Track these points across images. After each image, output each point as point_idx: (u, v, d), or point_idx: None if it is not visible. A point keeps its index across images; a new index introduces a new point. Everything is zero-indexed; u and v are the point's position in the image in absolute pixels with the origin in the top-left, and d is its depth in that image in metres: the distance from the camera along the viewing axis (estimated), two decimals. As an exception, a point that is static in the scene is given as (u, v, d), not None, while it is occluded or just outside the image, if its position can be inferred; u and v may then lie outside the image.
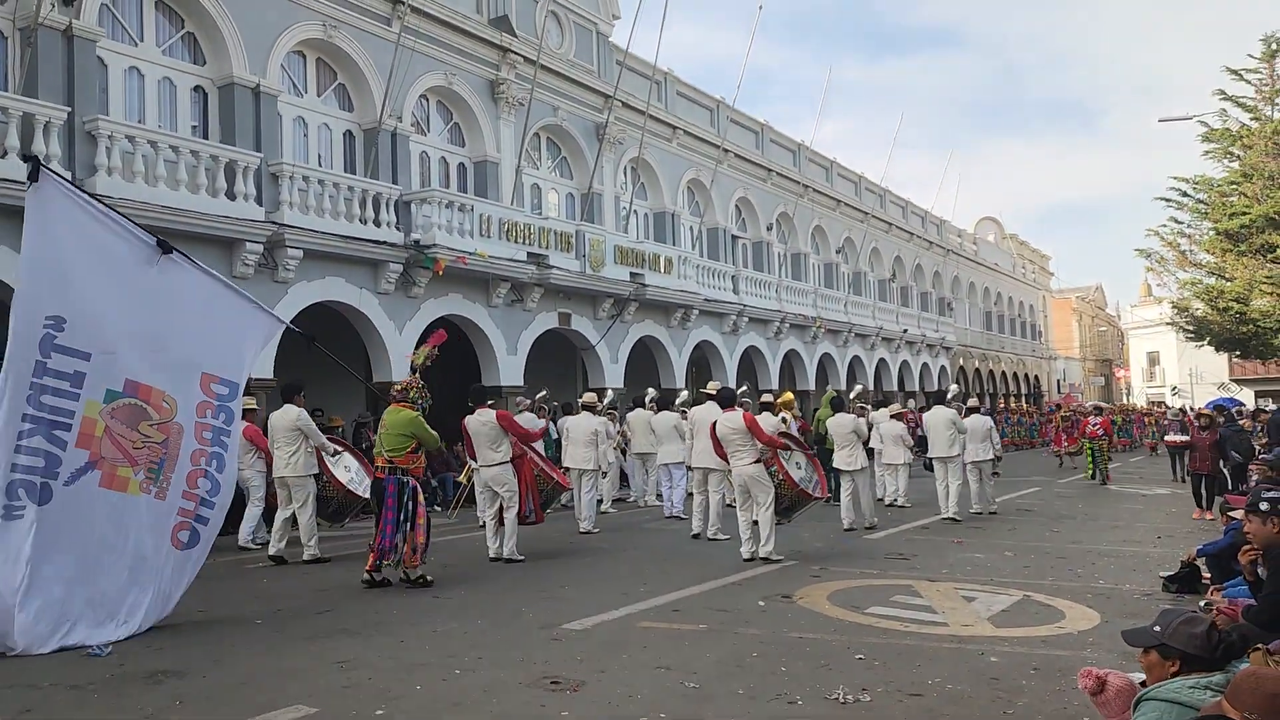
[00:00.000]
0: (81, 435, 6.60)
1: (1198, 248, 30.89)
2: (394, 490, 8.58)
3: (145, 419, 6.88)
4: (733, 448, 9.89)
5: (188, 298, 7.23)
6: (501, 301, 18.62)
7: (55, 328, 6.55)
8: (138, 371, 6.87)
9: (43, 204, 6.66)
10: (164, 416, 6.95)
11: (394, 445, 8.70)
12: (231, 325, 7.48)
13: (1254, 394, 50.60)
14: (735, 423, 9.91)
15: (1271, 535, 4.92)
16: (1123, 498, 17.08)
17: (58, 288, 6.64)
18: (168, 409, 6.97)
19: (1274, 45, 28.41)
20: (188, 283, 7.24)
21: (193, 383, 7.13)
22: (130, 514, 6.78)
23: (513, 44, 19.88)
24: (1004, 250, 54.56)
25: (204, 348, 7.25)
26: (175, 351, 7.09)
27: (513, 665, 5.91)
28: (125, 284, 6.96)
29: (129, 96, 14.44)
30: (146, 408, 6.89)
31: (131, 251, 7.03)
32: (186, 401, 7.08)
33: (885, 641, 6.41)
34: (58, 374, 6.54)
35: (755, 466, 9.79)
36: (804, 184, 31.73)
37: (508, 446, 9.94)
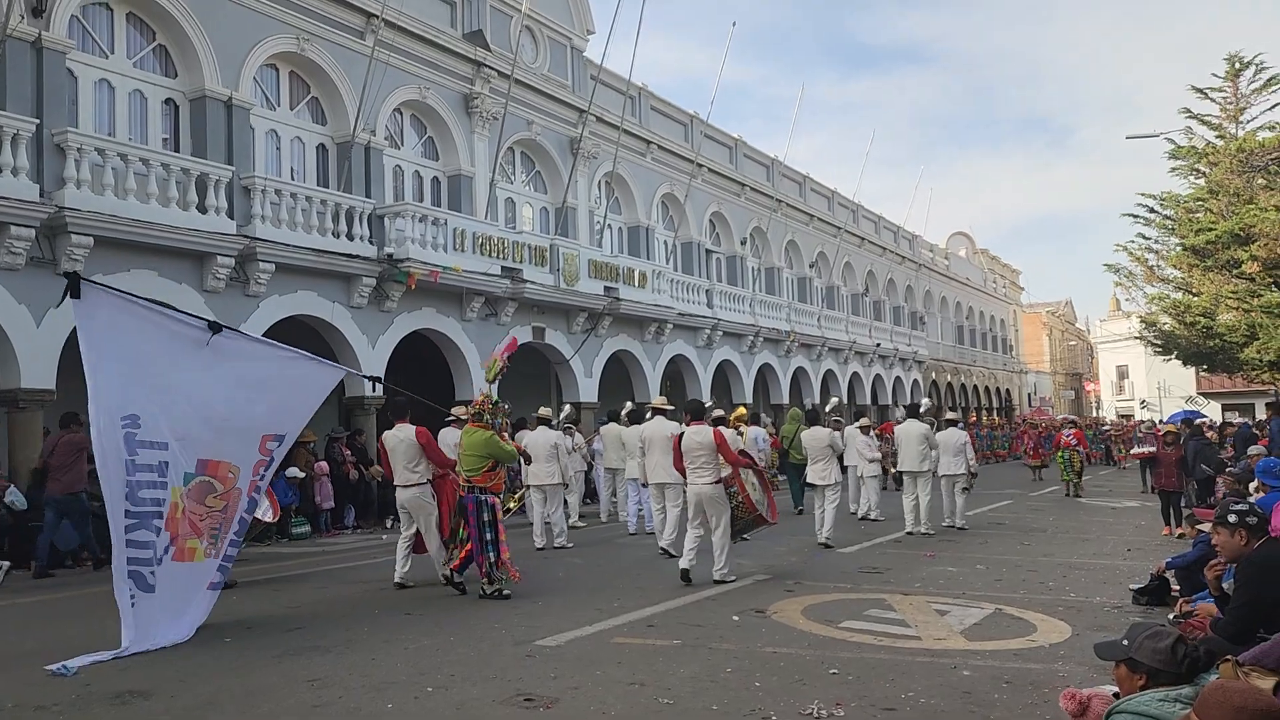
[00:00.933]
0: (168, 519, 7.08)
1: (1165, 263, 31.31)
2: (474, 509, 8.71)
3: (211, 492, 7.34)
4: (696, 463, 9.42)
5: (242, 369, 7.61)
6: (475, 316, 18.58)
7: (132, 425, 6.94)
8: (208, 449, 7.32)
9: (89, 315, 6.94)
10: (227, 486, 7.40)
11: (471, 465, 8.81)
12: (288, 384, 7.91)
13: (1221, 407, 51.24)
14: (704, 437, 9.45)
15: (1239, 547, 4.97)
16: (1093, 510, 17.22)
17: (124, 387, 6.98)
18: (231, 478, 7.42)
19: (1238, 65, 28.93)
20: (241, 354, 7.68)
21: (253, 446, 7.58)
22: (194, 578, 7.29)
23: (487, 58, 19.90)
24: (975, 265, 55.08)
25: (262, 411, 7.64)
26: (237, 421, 7.49)
27: (485, 682, 5.86)
28: (183, 369, 7.29)
29: (99, 109, 14.32)
30: (214, 481, 7.34)
31: (183, 337, 7.36)
32: (246, 466, 7.52)
33: (859, 656, 6.42)
34: (146, 467, 6.97)
35: (715, 486, 9.37)
36: (778, 199, 31.92)
37: (427, 466, 9.44)
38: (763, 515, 9.70)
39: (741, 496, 9.52)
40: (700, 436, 9.46)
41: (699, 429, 9.54)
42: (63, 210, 12.37)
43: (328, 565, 11.22)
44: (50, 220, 12.37)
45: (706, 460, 9.37)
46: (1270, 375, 29.13)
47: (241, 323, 14.66)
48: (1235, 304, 27.19)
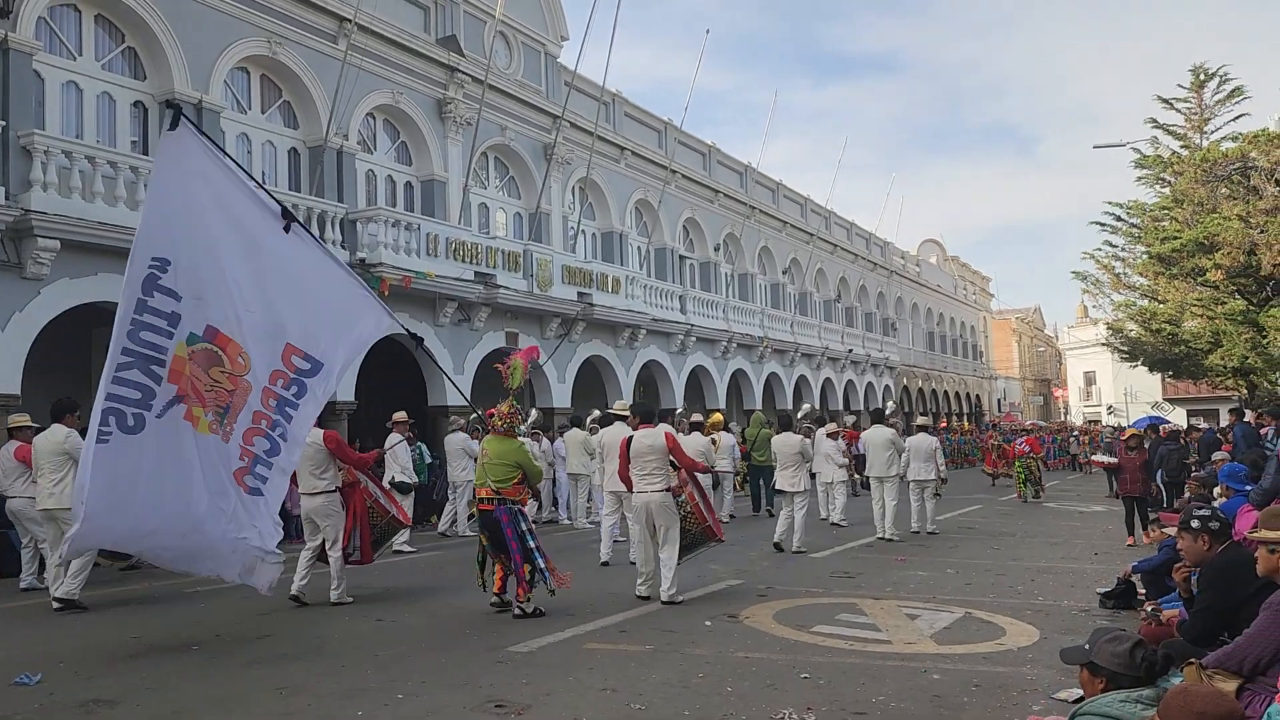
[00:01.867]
0: (172, 371, 6.84)
1: (1131, 271, 31.71)
2: (509, 520, 8.07)
3: (218, 365, 7.02)
4: (646, 470, 8.64)
5: (294, 269, 7.27)
6: (448, 321, 18.52)
7: (160, 269, 6.77)
8: (221, 321, 7.00)
9: (176, 151, 6.93)
10: (236, 370, 7.05)
11: (501, 476, 8.16)
12: (335, 307, 7.45)
13: (1186, 413, 51.94)
14: (655, 441, 8.68)
15: (1202, 552, 5.05)
16: (1060, 515, 17.41)
17: (170, 230, 6.84)
18: (241, 364, 7.06)
19: (1203, 76, 29.39)
20: (300, 256, 7.30)
21: (274, 349, 7.16)
22: (204, 449, 6.99)
23: (461, 63, 19.87)
24: (946, 272, 55.57)
25: (296, 320, 7.25)
26: (264, 314, 7.14)
27: (457, 689, 5.85)
28: (234, 238, 7.05)
29: (67, 111, 14.16)
30: (222, 355, 7.02)
31: (253, 211, 7.16)
32: (261, 364, 7.10)
33: (830, 660, 6.46)
34: (157, 312, 6.78)
35: (665, 495, 8.64)
36: (751, 205, 32.05)
37: (335, 473, 8.90)
38: (711, 527, 9.09)
39: (691, 506, 8.92)
40: (650, 440, 8.71)
41: (649, 432, 8.81)
42: (29, 213, 12.22)
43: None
44: (16, 223, 12.22)
45: (657, 466, 8.64)
46: (1234, 381, 29.58)
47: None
48: (1200, 311, 27.60)
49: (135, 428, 6.65)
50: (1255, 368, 26.45)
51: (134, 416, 6.67)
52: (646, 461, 8.65)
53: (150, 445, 6.73)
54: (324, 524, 8.88)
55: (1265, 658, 3.89)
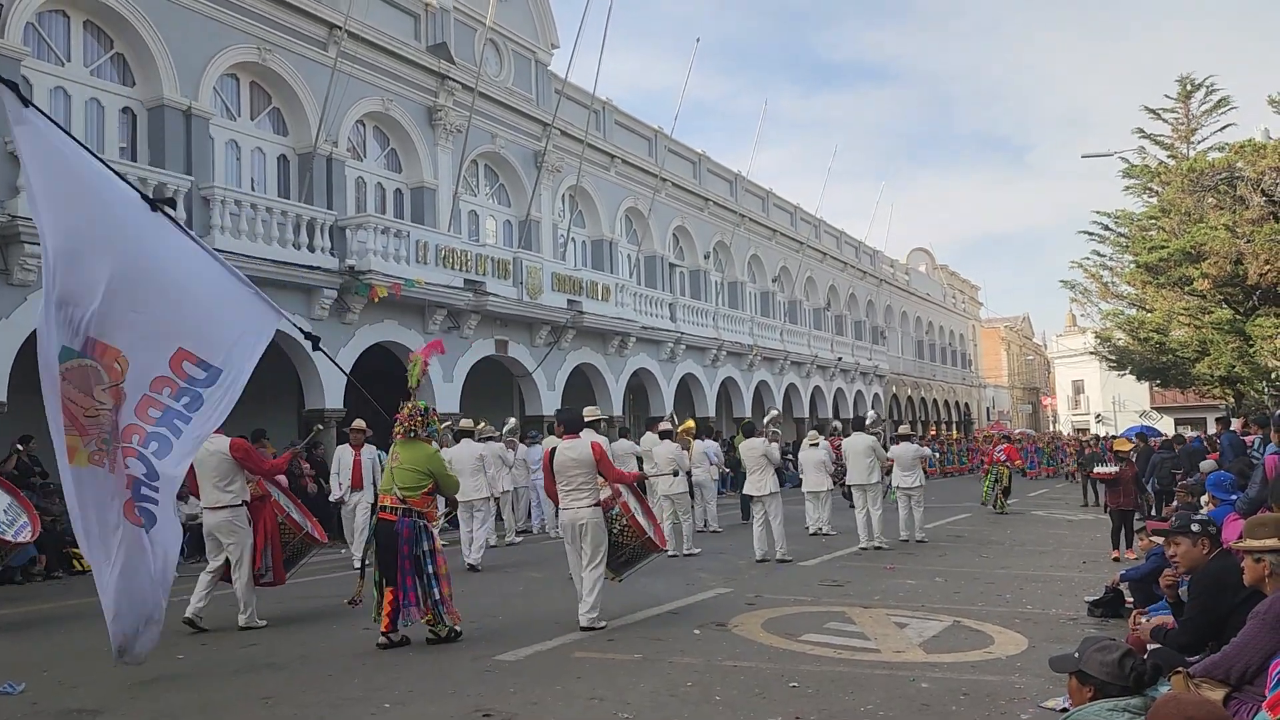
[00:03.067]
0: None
1: (1119, 280, 31.86)
2: (409, 535, 7.25)
3: (99, 382, 5.67)
4: (572, 484, 7.91)
5: (175, 259, 5.98)
6: (438, 328, 18.48)
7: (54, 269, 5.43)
8: (102, 329, 5.64)
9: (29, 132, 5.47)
10: (113, 379, 5.70)
11: (410, 483, 7.38)
12: (222, 307, 6.22)
13: (1174, 422, 52.15)
14: (579, 453, 7.90)
15: (1200, 556, 5.06)
16: (1048, 523, 17.44)
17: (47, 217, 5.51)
18: (118, 370, 5.71)
19: (1189, 86, 29.60)
20: (177, 244, 6.02)
21: (161, 354, 5.84)
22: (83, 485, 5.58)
23: (451, 71, 19.87)
24: (935, 280, 55.75)
25: (188, 320, 5.98)
26: (151, 313, 5.81)
27: (444, 698, 5.81)
28: (111, 223, 5.69)
29: (54, 116, 14.04)
30: (99, 369, 5.66)
31: (122, 193, 5.84)
32: (141, 369, 5.78)
33: (818, 669, 6.44)
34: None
35: (594, 510, 7.91)
36: (741, 213, 32.12)
37: (242, 485, 8.09)
38: (651, 540, 8.38)
39: (627, 519, 8.22)
40: (575, 452, 7.91)
41: (573, 444, 7.99)
42: (15, 219, 12.16)
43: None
44: (3, 229, 12.17)
45: (584, 480, 7.89)
46: (1221, 390, 29.71)
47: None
48: (1187, 320, 27.73)
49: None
50: (1242, 377, 26.57)
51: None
52: (572, 476, 7.89)
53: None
54: (228, 542, 8.04)
55: (1252, 666, 3.90)
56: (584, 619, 7.76)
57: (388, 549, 7.25)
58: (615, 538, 8.13)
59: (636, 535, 8.27)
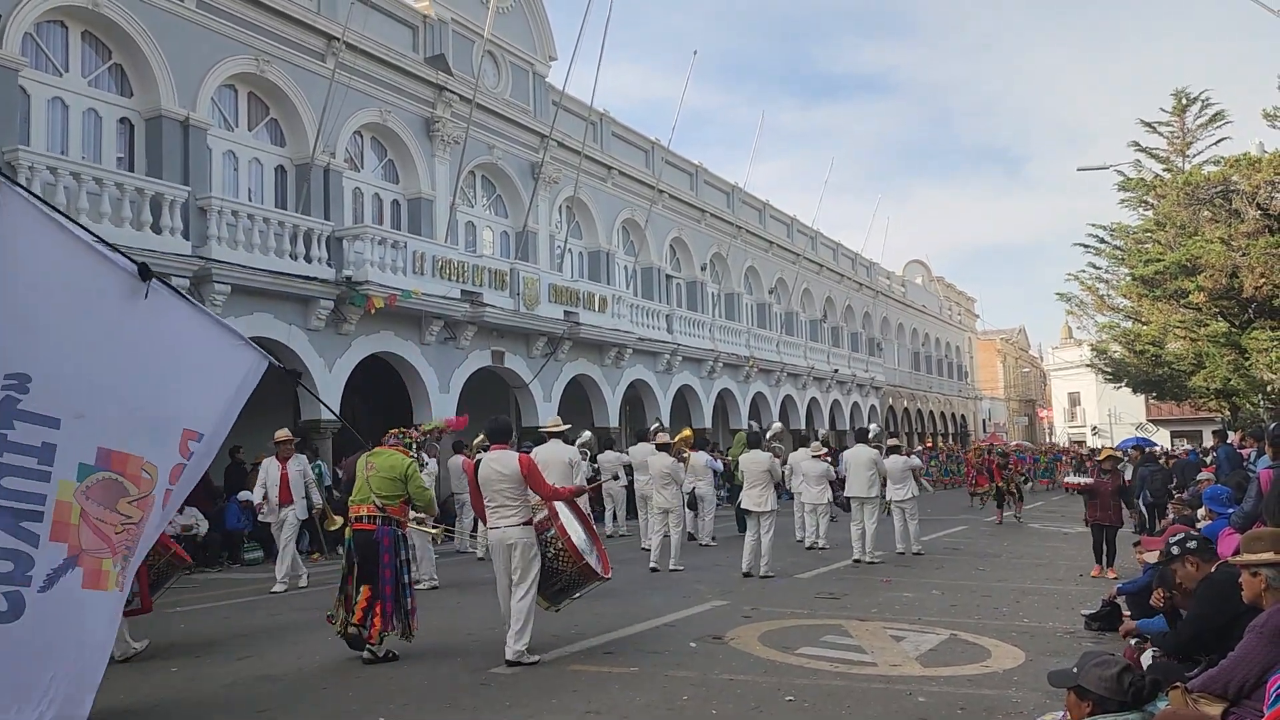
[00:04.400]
0: (56, 525, 4.96)
1: (1115, 292, 31.98)
2: (390, 544, 7.28)
3: (124, 495, 5.28)
4: (497, 500, 7.21)
5: (169, 337, 5.62)
6: (434, 339, 18.48)
7: (18, 389, 4.94)
8: (112, 437, 5.27)
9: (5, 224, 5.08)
10: (143, 490, 5.32)
11: (388, 491, 7.41)
12: (212, 367, 5.86)
13: (1170, 434, 52.28)
14: (505, 466, 7.22)
15: (1193, 575, 5.07)
16: (1045, 536, 17.43)
17: (22, 336, 5.02)
18: (148, 480, 5.34)
19: (1184, 100, 29.77)
20: (170, 318, 5.65)
21: (173, 443, 5.52)
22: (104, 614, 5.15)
23: (449, 82, 19.92)
24: (931, 292, 55.85)
25: (186, 399, 5.66)
26: (155, 408, 5.49)
27: (440, 711, 5.80)
28: (102, 325, 5.33)
29: (52, 127, 14.11)
30: (123, 481, 5.29)
31: (111, 283, 5.35)
32: (165, 467, 5.46)
33: (815, 682, 6.43)
34: (22, 449, 4.89)
35: (523, 529, 7.19)
36: (738, 225, 32.18)
37: None
38: (591, 565, 7.51)
39: (563, 542, 7.36)
40: (500, 465, 7.24)
41: (499, 456, 7.34)
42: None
43: (280, 593, 11.04)
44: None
45: (511, 495, 7.20)
46: (1217, 403, 29.79)
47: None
48: (1183, 333, 27.82)
49: (9, 612, 4.64)
50: (1238, 389, 26.63)
51: (6, 597, 4.66)
52: (497, 491, 7.22)
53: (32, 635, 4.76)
54: None
55: (1250, 680, 3.89)
56: (510, 651, 6.99)
57: (368, 559, 7.25)
58: (549, 562, 7.32)
59: (573, 560, 7.39)
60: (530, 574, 7.16)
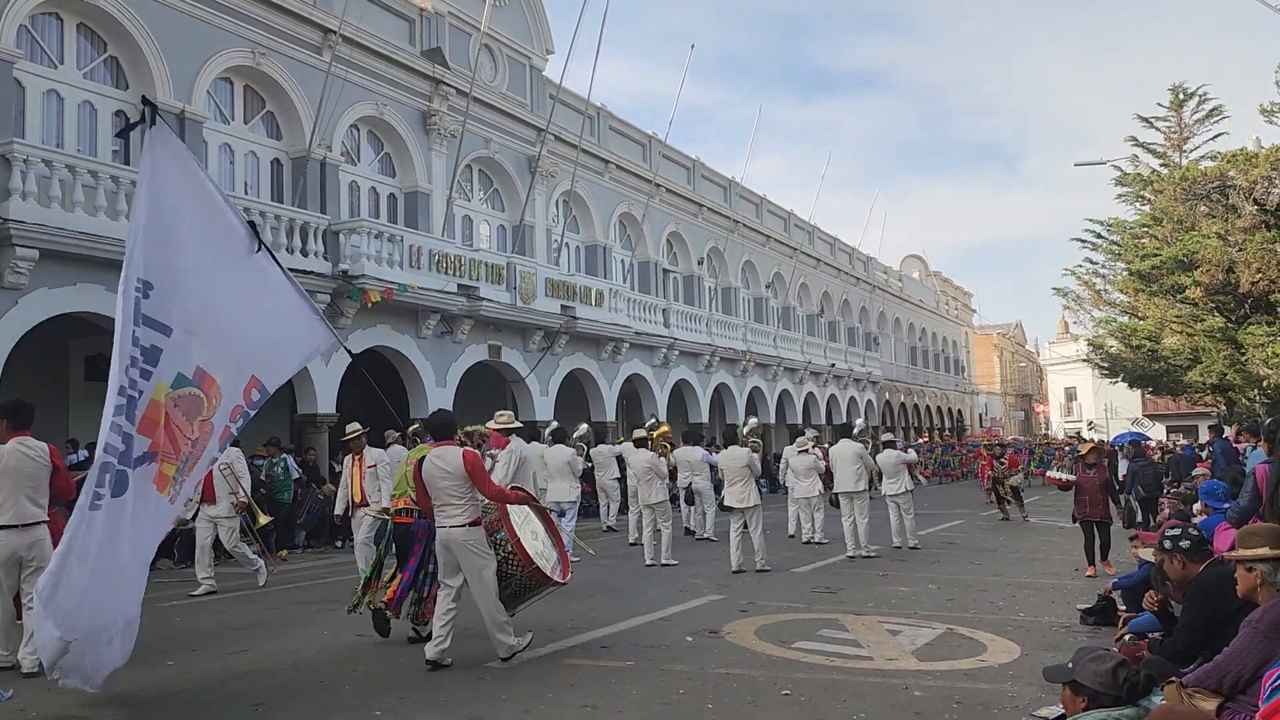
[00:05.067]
0: (145, 420, 5.68)
1: (1112, 287, 32.00)
2: (423, 536, 7.46)
3: (199, 414, 5.99)
4: (441, 500, 6.85)
5: (265, 292, 6.48)
6: (431, 333, 18.46)
7: (142, 293, 5.75)
8: (208, 360, 6.03)
9: (159, 156, 6.04)
10: (209, 413, 6.06)
11: None
12: (288, 331, 6.65)
13: (1165, 429, 52.35)
14: (449, 463, 6.83)
15: (1179, 571, 5.06)
16: (1041, 531, 17.45)
17: (155, 250, 5.85)
18: (215, 405, 6.08)
19: (1182, 95, 29.76)
20: (269, 276, 6.53)
21: (240, 384, 6.26)
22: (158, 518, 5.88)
23: (445, 76, 19.88)
24: (928, 287, 55.86)
25: (259, 349, 6.44)
26: (239, 346, 6.26)
27: (436, 706, 5.79)
28: (218, 261, 6.19)
29: (47, 120, 14.08)
30: (204, 399, 6.00)
31: (231, 230, 6.30)
32: (228, 402, 6.16)
33: (811, 676, 6.43)
34: (139, 346, 5.71)
35: (471, 530, 6.82)
36: (735, 220, 32.16)
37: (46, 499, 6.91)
38: (543, 571, 7.15)
39: (512, 545, 7.05)
40: (444, 462, 6.85)
41: (443, 452, 6.93)
42: (7, 222, 12.12)
43: (276, 585, 11.03)
44: (-6, 232, 12.11)
45: (455, 495, 6.82)
46: (1213, 398, 29.85)
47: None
48: (1179, 328, 27.83)
49: (119, 489, 5.46)
50: (1234, 384, 26.67)
51: (117, 476, 5.46)
52: (442, 489, 6.84)
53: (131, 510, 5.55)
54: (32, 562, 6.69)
55: (1245, 676, 3.89)
56: (501, 649, 6.85)
57: (405, 549, 7.66)
58: (499, 566, 7.00)
59: (523, 565, 7.06)
60: (486, 578, 6.82)
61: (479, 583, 6.82)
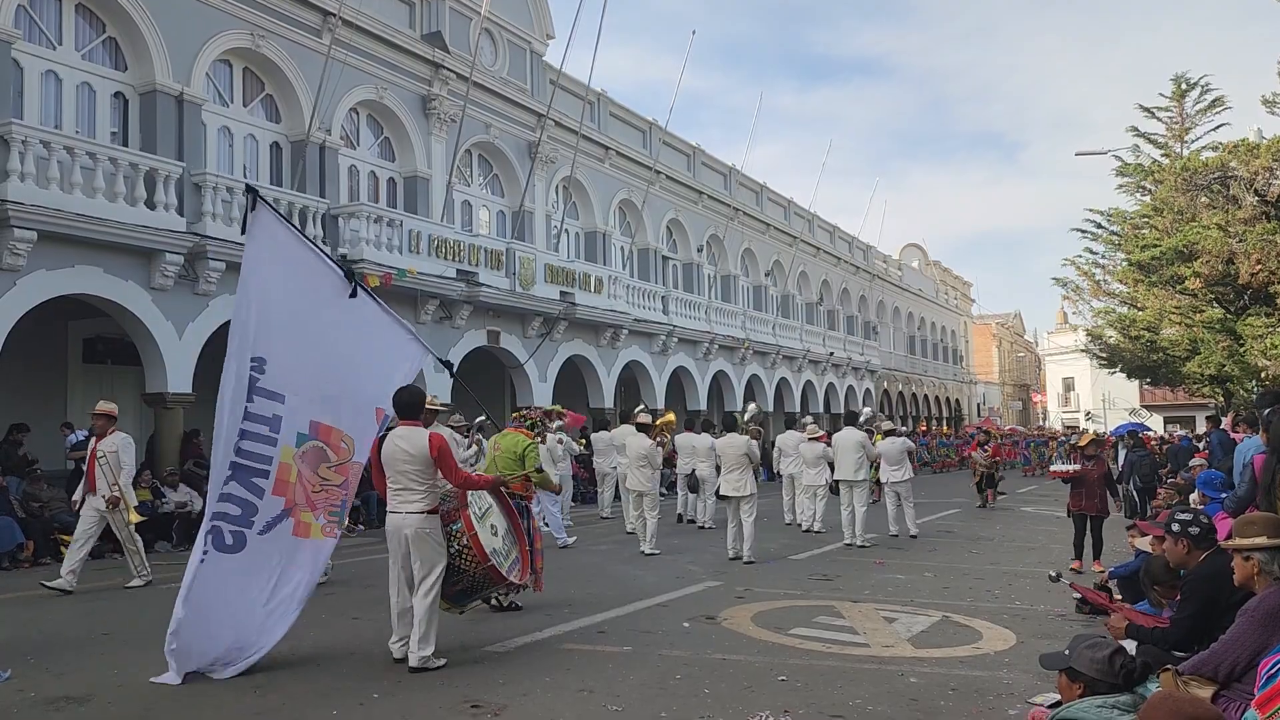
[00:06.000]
0: (278, 482, 6.43)
1: (1111, 278, 31.95)
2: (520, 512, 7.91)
3: (324, 461, 6.67)
4: (400, 483, 6.37)
5: (366, 330, 7.00)
6: (429, 318, 18.44)
7: (258, 369, 6.42)
8: (321, 412, 6.68)
9: (258, 235, 6.61)
10: (342, 458, 6.72)
11: (511, 468, 8.16)
12: (394, 358, 7.20)
13: (1163, 420, 52.42)
14: (414, 445, 6.35)
15: (1181, 556, 5.06)
16: (1038, 520, 17.50)
17: (262, 325, 6.50)
18: (345, 450, 6.75)
19: (1184, 86, 29.67)
20: (366, 313, 7.01)
21: (370, 419, 6.89)
22: (308, 557, 6.63)
23: (446, 60, 19.80)
24: (927, 276, 55.83)
25: (374, 384, 6.96)
26: (356, 390, 6.86)
27: (433, 689, 5.81)
28: (321, 320, 6.77)
29: (45, 101, 14.02)
30: (326, 449, 6.68)
31: (328, 284, 6.83)
32: (363, 439, 6.83)
33: (807, 663, 6.46)
34: (258, 419, 6.38)
35: (428, 518, 6.37)
36: (734, 207, 32.10)
37: None
38: (498, 570, 6.71)
39: (468, 538, 6.57)
40: (408, 443, 6.38)
41: (408, 432, 6.46)
42: (5, 203, 12.08)
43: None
44: (-8, 214, 12.08)
45: (415, 479, 6.35)
46: (1211, 389, 29.84)
47: (190, 322, 14.45)
48: (1178, 319, 27.81)
49: (234, 546, 6.24)
50: (1232, 376, 26.68)
51: (233, 535, 6.23)
52: (401, 473, 6.36)
53: (247, 563, 6.29)
54: None
55: (1241, 664, 3.90)
56: (413, 657, 6.22)
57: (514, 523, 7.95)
58: (452, 559, 6.52)
59: (477, 560, 6.59)
60: (434, 570, 6.34)
61: (426, 576, 6.34)
